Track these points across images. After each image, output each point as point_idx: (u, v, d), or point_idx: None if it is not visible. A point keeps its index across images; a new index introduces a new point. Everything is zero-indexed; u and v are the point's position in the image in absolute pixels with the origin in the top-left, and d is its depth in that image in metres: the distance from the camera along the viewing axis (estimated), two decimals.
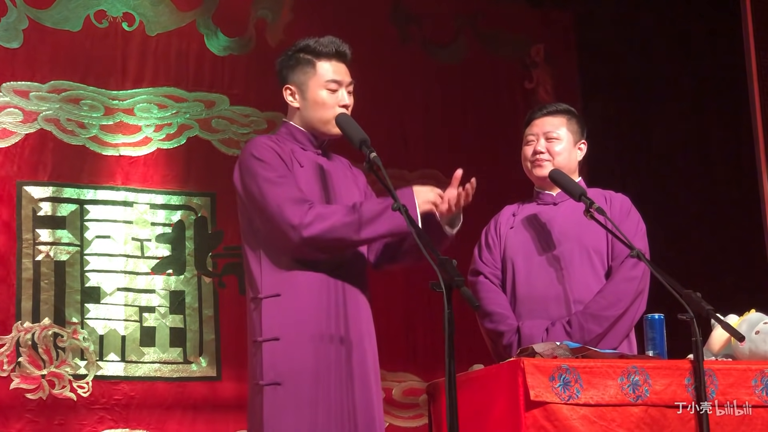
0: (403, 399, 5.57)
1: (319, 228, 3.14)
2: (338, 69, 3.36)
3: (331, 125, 3.32)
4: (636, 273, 3.64)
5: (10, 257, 4.95)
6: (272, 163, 3.25)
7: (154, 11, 5.45)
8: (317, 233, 3.14)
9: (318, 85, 3.33)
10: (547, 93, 6.20)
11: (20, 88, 5.12)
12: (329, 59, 3.35)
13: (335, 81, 3.34)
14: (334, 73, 3.35)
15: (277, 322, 3.21)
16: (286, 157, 3.30)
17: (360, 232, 3.15)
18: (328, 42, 3.37)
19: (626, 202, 3.81)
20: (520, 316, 3.72)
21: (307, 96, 3.35)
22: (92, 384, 4.97)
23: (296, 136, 3.40)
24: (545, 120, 3.84)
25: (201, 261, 5.32)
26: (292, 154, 3.33)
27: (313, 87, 3.34)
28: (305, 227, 3.14)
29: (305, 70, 3.35)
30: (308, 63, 3.35)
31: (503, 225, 3.88)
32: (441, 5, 6.10)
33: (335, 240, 3.17)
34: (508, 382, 2.98)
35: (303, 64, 3.36)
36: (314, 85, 3.34)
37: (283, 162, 3.27)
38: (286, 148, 3.34)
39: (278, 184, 3.22)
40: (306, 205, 3.18)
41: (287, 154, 3.32)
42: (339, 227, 3.16)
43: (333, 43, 3.37)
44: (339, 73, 3.35)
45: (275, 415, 3.15)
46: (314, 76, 3.34)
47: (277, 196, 3.19)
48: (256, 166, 3.26)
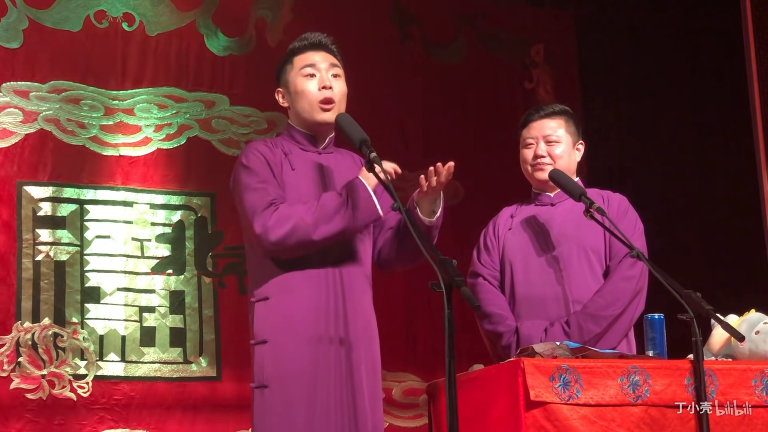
0: (403, 399, 5.57)
1: (280, 232, 3.18)
2: (312, 56, 3.41)
3: (316, 112, 3.36)
4: (634, 272, 3.65)
5: (10, 257, 4.96)
6: (256, 169, 3.30)
7: (154, 11, 5.45)
8: (280, 237, 3.18)
9: (295, 75, 3.40)
10: (547, 93, 6.20)
11: (20, 88, 5.13)
12: (303, 51, 3.42)
13: (309, 65, 3.39)
14: (307, 60, 3.40)
15: (267, 325, 3.25)
16: (276, 162, 3.33)
17: (315, 232, 3.18)
18: (303, 37, 3.45)
19: (624, 202, 3.82)
20: (519, 316, 3.72)
21: (291, 90, 3.41)
22: (92, 384, 4.97)
23: (295, 136, 3.43)
24: (543, 123, 3.84)
25: (201, 261, 5.32)
26: (286, 157, 3.35)
27: (292, 80, 3.40)
28: (269, 231, 3.19)
29: (285, 69, 3.44)
30: (287, 62, 3.44)
31: (501, 227, 3.89)
32: (441, 5, 6.10)
33: (297, 242, 3.19)
34: (508, 382, 2.98)
35: (284, 65, 3.45)
36: (293, 78, 3.40)
37: (269, 168, 3.31)
38: (279, 151, 3.36)
39: (255, 191, 3.27)
40: (272, 209, 3.22)
41: (279, 158, 3.34)
42: (298, 228, 3.18)
43: (306, 37, 3.44)
44: (312, 59, 3.40)
45: (262, 418, 3.19)
46: (292, 70, 3.41)
47: (251, 203, 3.25)
48: (241, 173, 3.32)
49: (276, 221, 3.19)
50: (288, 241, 3.18)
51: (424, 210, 3.30)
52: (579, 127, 3.90)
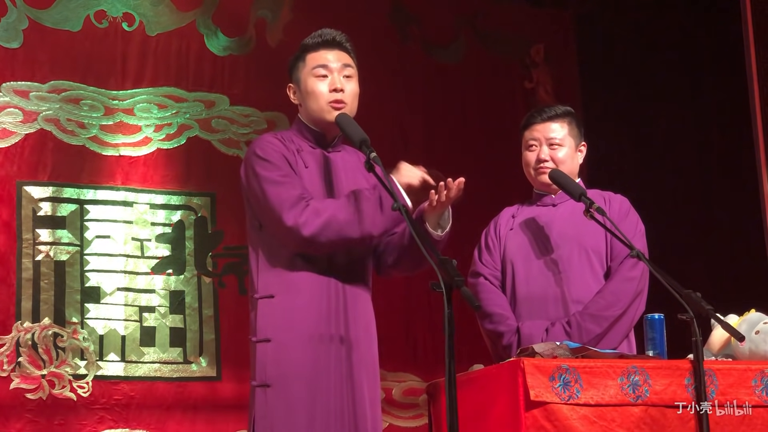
0: (403, 399, 5.57)
1: (313, 227, 3.14)
2: (325, 55, 3.37)
3: (326, 113, 3.33)
4: (635, 273, 3.65)
5: (10, 257, 4.95)
6: (276, 163, 3.26)
7: (154, 11, 5.45)
8: (313, 232, 3.15)
9: (307, 75, 3.36)
10: (547, 93, 6.20)
11: (20, 88, 5.13)
12: (316, 49, 3.38)
13: (321, 66, 3.35)
14: (319, 59, 3.36)
15: (270, 323, 3.23)
16: (291, 157, 3.30)
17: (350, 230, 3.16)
18: (317, 34, 3.40)
19: (625, 203, 3.82)
20: (520, 316, 3.73)
21: (302, 89, 3.38)
22: (92, 384, 4.97)
23: (304, 133, 3.41)
24: (547, 126, 3.82)
25: (201, 261, 5.32)
26: (299, 154, 3.34)
27: (304, 79, 3.37)
28: (303, 226, 3.14)
29: (298, 65, 3.40)
30: (299, 59, 3.40)
31: (503, 227, 3.89)
32: (441, 5, 6.11)
33: (330, 239, 3.17)
34: (508, 382, 2.98)
35: (297, 61, 3.41)
36: (304, 76, 3.37)
37: (287, 162, 3.28)
38: (292, 146, 3.34)
39: (280, 184, 3.22)
40: (303, 203, 3.18)
41: (293, 153, 3.32)
42: (336, 223, 3.16)
43: (321, 33, 3.40)
44: (325, 58, 3.36)
45: (265, 417, 3.17)
46: (304, 68, 3.38)
47: (278, 196, 3.20)
48: (257, 165, 3.26)
49: (309, 216, 3.15)
50: (321, 237, 3.15)
51: (431, 223, 3.30)
52: (581, 129, 3.90)
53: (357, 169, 3.40)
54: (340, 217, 3.16)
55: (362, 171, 3.33)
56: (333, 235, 3.16)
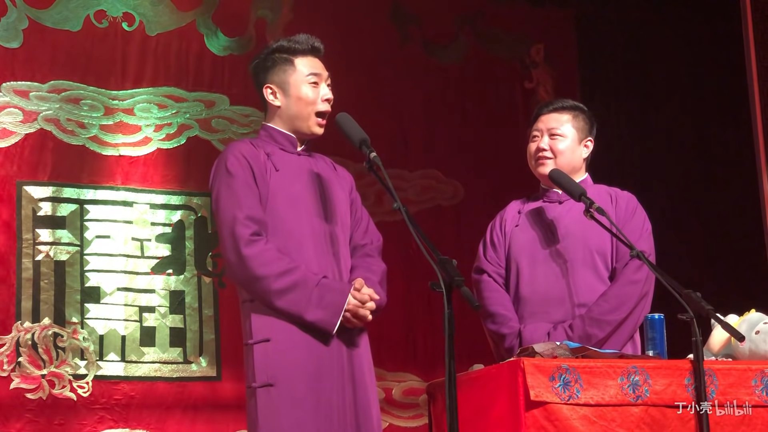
0: (403, 399, 5.56)
1: (246, 272, 3.24)
2: (315, 63, 3.42)
3: (312, 122, 3.38)
4: (640, 276, 3.60)
5: (10, 257, 4.96)
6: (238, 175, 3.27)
7: (154, 11, 5.45)
8: (242, 279, 3.28)
9: (299, 81, 3.38)
10: (547, 93, 6.20)
11: (20, 88, 5.12)
12: (305, 55, 3.41)
13: (315, 74, 3.39)
14: (313, 68, 3.40)
15: (267, 323, 3.24)
16: (259, 165, 3.31)
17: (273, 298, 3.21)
18: (303, 39, 3.43)
19: (632, 201, 3.78)
20: (523, 317, 3.70)
21: (290, 93, 3.38)
22: (92, 384, 4.97)
23: (276, 137, 3.41)
24: (550, 116, 3.81)
25: (201, 261, 5.32)
26: (269, 159, 3.33)
27: (294, 84, 3.38)
28: (244, 260, 3.23)
29: (284, 68, 3.40)
30: (286, 61, 3.40)
31: (509, 222, 3.84)
32: (441, 5, 6.10)
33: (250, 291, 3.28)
34: (508, 382, 2.98)
35: (281, 63, 3.41)
36: (295, 81, 3.38)
37: (251, 173, 3.28)
38: (262, 153, 3.34)
39: (238, 207, 3.24)
40: (253, 240, 3.21)
41: (262, 161, 3.32)
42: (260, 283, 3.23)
43: (308, 40, 3.43)
44: (317, 67, 3.41)
45: (271, 416, 3.16)
46: (294, 73, 3.39)
47: (230, 219, 3.24)
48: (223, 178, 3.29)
49: (253, 256, 3.21)
50: (243, 283, 3.29)
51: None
52: (591, 124, 3.86)
53: (330, 178, 3.43)
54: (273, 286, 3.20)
55: (337, 181, 3.40)
56: (255, 291, 3.26)
